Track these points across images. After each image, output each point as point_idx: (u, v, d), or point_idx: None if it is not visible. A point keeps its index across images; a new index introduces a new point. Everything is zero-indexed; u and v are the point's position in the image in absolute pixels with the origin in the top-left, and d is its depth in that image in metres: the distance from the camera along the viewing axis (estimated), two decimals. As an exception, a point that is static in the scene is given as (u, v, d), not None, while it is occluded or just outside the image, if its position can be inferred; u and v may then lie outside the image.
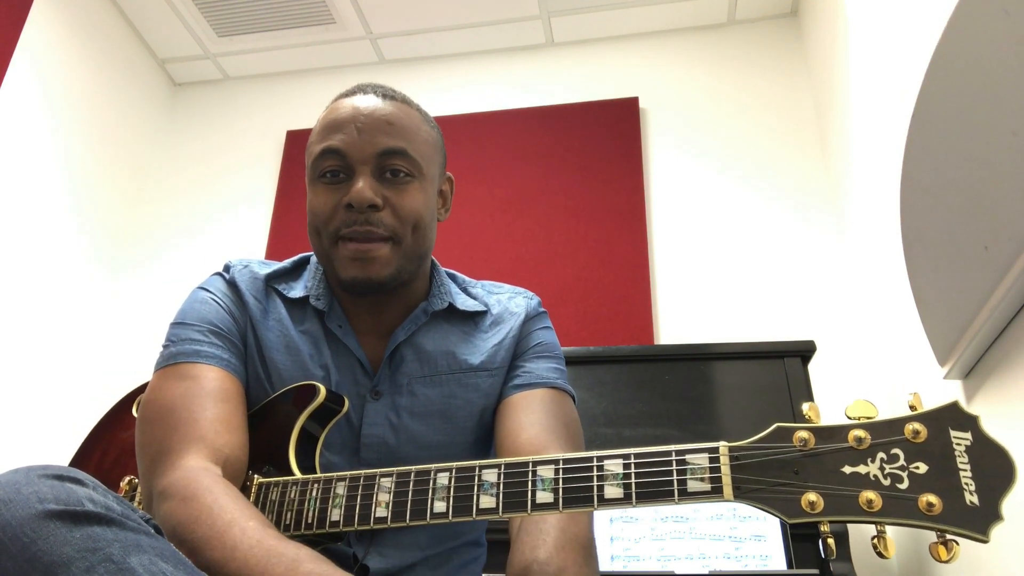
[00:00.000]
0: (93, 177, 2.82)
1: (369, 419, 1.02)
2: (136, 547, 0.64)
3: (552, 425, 1.01)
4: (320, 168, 1.03)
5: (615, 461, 0.74)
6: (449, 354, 1.07)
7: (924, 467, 0.66)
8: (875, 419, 0.70)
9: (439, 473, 0.79)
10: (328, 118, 1.06)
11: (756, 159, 2.65)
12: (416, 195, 1.03)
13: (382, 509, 0.80)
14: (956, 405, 0.68)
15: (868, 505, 0.66)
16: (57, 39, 2.67)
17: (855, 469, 0.67)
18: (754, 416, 1.76)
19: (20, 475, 0.67)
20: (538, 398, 1.05)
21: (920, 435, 0.67)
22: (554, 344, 1.14)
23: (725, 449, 0.71)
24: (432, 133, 1.10)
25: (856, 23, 2.01)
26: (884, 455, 0.67)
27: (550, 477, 0.75)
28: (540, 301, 1.19)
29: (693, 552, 1.54)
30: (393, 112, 1.04)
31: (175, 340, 1.01)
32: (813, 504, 0.67)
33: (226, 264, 1.12)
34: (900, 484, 0.66)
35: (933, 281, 1.36)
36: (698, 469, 0.71)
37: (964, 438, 0.66)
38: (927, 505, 0.65)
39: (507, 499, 0.76)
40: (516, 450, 0.97)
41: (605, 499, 0.73)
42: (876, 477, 0.67)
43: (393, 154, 1.01)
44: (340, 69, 3.15)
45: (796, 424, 0.71)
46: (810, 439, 0.70)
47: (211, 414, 0.92)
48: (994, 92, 1.03)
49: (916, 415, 0.68)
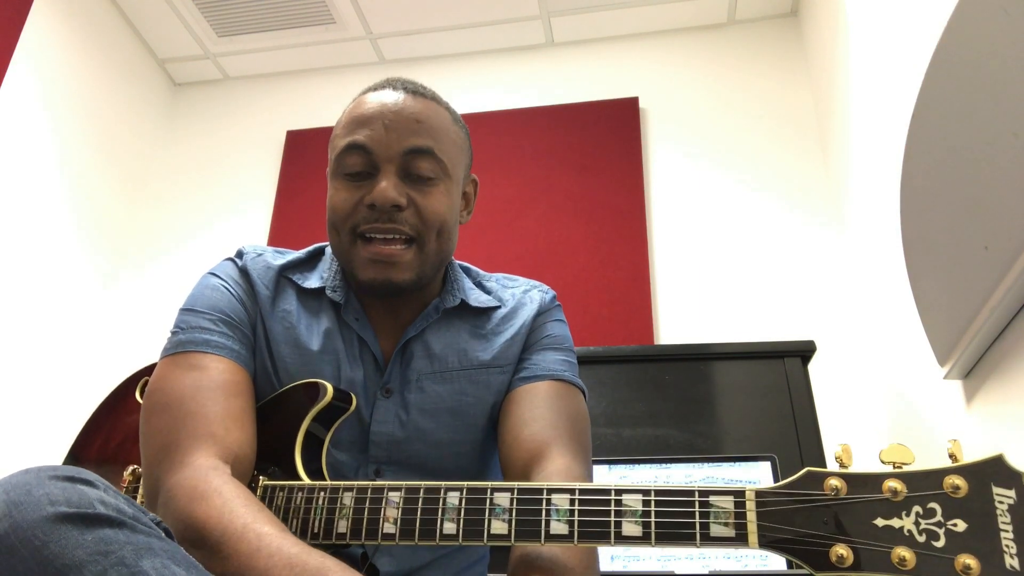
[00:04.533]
0: (93, 177, 2.82)
1: (379, 416, 1.00)
2: (148, 550, 0.64)
3: (555, 420, 0.98)
4: (343, 164, 1.00)
5: (634, 496, 0.71)
6: (460, 351, 1.05)
7: (963, 525, 0.62)
8: (912, 469, 0.66)
9: (449, 492, 0.77)
10: (354, 112, 1.03)
11: (756, 159, 2.65)
12: (441, 198, 1.01)
13: (390, 525, 0.78)
14: (1001, 459, 0.63)
15: (901, 563, 0.62)
16: (57, 39, 2.67)
17: (888, 523, 0.64)
18: (754, 416, 1.76)
19: (31, 476, 0.66)
20: (542, 391, 1.02)
21: (960, 490, 0.63)
22: (564, 337, 1.11)
23: (752, 494, 0.68)
24: (460, 133, 1.07)
25: (856, 23, 2.01)
26: (920, 509, 0.63)
27: (565, 508, 0.72)
28: (555, 295, 1.16)
29: (693, 552, 1.54)
30: (422, 110, 1.01)
31: (184, 327, 0.98)
32: (842, 558, 0.64)
33: (239, 250, 1.09)
34: (936, 542, 0.62)
35: (933, 281, 1.36)
36: (722, 513, 0.68)
37: (1008, 496, 0.62)
38: (964, 567, 0.61)
39: (520, 527, 0.73)
40: (518, 446, 0.95)
41: (623, 536, 0.70)
42: (911, 532, 0.63)
43: (420, 153, 0.99)
44: (340, 69, 3.15)
45: (828, 470, 0.68)
46: (842, 487, 0.66)
47: (220, 408, 0.90)
48: (994, 92, 1.03)
49: (957, 468, 0.64)
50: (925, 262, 1.37)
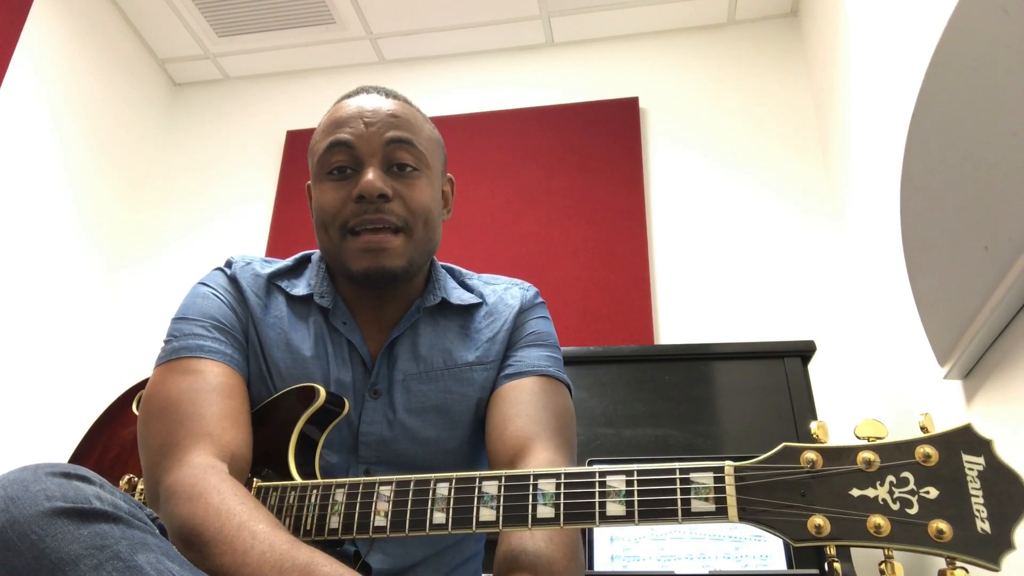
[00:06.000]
0: (93, 177, 2.82)
1: (367, 417, 1.02)
2: (143, 545, 0.65)
3: (539, 415, 0.99)
4: (327, 164, 1.03)
5: (618, 477, 0.73)
6: (444, 350, 1.07)
7: (935, 492, 0.65)
8: (885, 441, 0.68)
9: (439, 483, 0.78)
10: (333, 116, 1.06)
11: (756, 159, 2.65)
12: (424, 188, 1.04)
13: (381, 518, 0.79)
14: (969, 428, 0.66)
15: (876, 530, 0.65)
16: (57, 39, 2.67)
17: (863, 492, 0.66)
18: (754, 416, 1.76)
19: (27, 472, 0.67)
20: (527, 387, 1.04)
21: (931, 459, 0.65)
22: (548, 333, 1.13)
23: (731, 469, 0.70)
24: (434, 132, 1.12)
25: (856, 23, 2.01)
26: (894, 478, 0.66)
27: (551, 492, 0.74)
28: (537, 292, 1.18)
29: (693, 552, 1.54)
30: (398, 109, 1.06)
31: (177, 335, 1.00)
32: (820, 528, 0.66)
33: (228, 260, 1.11)
34: (910, 509, 0.65)
35: (933, 281, 1.36)
36: (702, 488, 0.70)
37: (977, 463, 0.64)
38: (937, 532, 0.63)
39: (507, 512, 0.75)
40: (503, 442, 0.97)
41: (607, 516, 0.72)
42: (885, 501, 0.65)
43: (401, 143, 1.02)
44: (340, 69, 3.15)
45: (804, 444, 0.70)
46: (818, 460, 0.68)
47: (216, 409, 0.92)
48: (994, 92, 1.03)
49: (927, 437, 0.67)
50: (925, 262, 1.37)
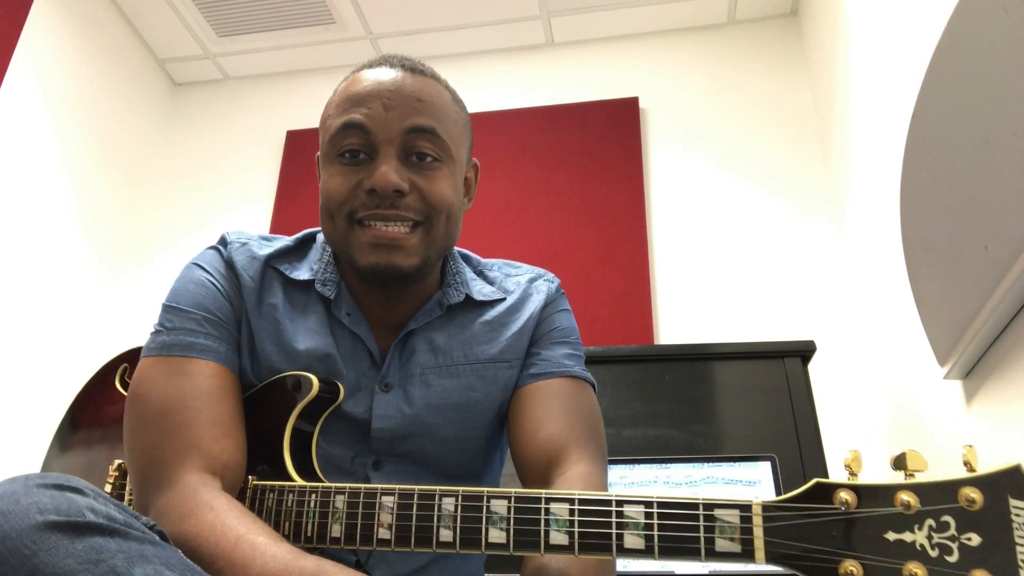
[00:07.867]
0: (93, 177, 2.82)
1: (379, 411, 0.95)
2: (140, 557, 0.63)
3: (571, 421, 0.95)
4: (339, 146, 0.94)
5: (636, 507, 0.68)
6: (465, 344, 1.00)
7: (977, 539, 0.60)
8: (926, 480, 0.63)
9: (444, 498, 0.74)
10: (349, 90, 0.96)
11: (756, 159, 2.65)
12: (445, 181, 0.95)
13: (385, 531, 0.76)
14: (1018, 470, 0.60)
15: None
16: (57, 39, 2.67)
17: (900, 536, 0.62)
18: (754, 416, 1.76)
19: (18, 485, 0.65)
20: (555, 389, 0.98)
21: (975, 504, 0.60)
22: (571, 328, 1.07)
23: (759, 508, 0.65)
24: (461, 113, 1.01)
25: (856, 23, 2.01)
26: (933, 523, 0.61)
27: (564, 518, 0.70)
28: (560, 283, 1.12)
29: (693, 552, 1.54)
30: (422, 88, 0.95)
31: (168, 327, 0.93)
32: (852, 573, 0.62)
33: (223, 237, 1.03)
34: (949, 556, 0.60)
35: (933, 281, 1.36)
36: (727, 527, 0.66)
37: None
38: None
39: (518, 536, 0.71)
40: (536, 447, 0.93)
41: (624, 548, 0.68)
42: (923, 547, 0.61)
43: (422, 133, 0.93)
44: (340, 69, 3.14)
45: (837, 481, 0.65)
46: (852, 500, 0.63)
47: (207, 417, 0.87)
48: (994, 92, 1.03)
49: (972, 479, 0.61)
50: (925, 262, 1.37)
